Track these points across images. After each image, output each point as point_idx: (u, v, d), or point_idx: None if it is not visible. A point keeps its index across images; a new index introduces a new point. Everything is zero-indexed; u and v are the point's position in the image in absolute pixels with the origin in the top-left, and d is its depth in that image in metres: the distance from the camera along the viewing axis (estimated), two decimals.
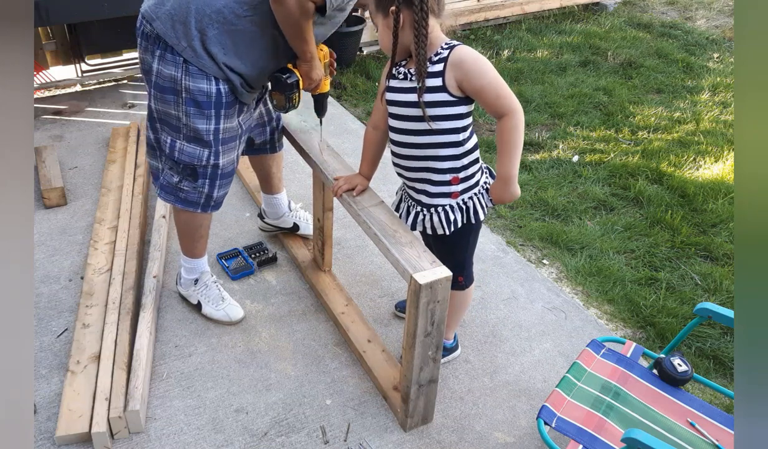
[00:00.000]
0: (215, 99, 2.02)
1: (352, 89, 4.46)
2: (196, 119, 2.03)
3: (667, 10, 6.14)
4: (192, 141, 2.08)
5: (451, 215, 1.90)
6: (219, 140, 2.10)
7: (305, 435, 2.01)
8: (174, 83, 1.99)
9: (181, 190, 2.20)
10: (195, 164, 2.12)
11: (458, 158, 1.86)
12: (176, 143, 2.10)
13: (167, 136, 2.11)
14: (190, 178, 2.16)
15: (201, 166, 2.13)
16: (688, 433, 1.75)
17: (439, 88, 1.75)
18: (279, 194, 2.72)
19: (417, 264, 1.76)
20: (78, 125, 3.89)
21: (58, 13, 3.67)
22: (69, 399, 2.02)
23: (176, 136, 2.09)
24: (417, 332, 1.79)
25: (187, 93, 1.99)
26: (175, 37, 1.94)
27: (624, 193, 3.32)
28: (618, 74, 4.71)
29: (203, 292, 2.43)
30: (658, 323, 2.47)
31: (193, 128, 2.05)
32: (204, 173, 2.15)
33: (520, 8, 5.64)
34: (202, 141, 2.08)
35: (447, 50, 1.74)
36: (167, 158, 2.16)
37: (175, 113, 2.05)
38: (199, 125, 2.04)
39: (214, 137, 2.08)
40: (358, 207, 2.00)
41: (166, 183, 2.22)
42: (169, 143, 2.11)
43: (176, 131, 2.08)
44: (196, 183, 2.17)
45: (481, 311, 2.51)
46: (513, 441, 2.01)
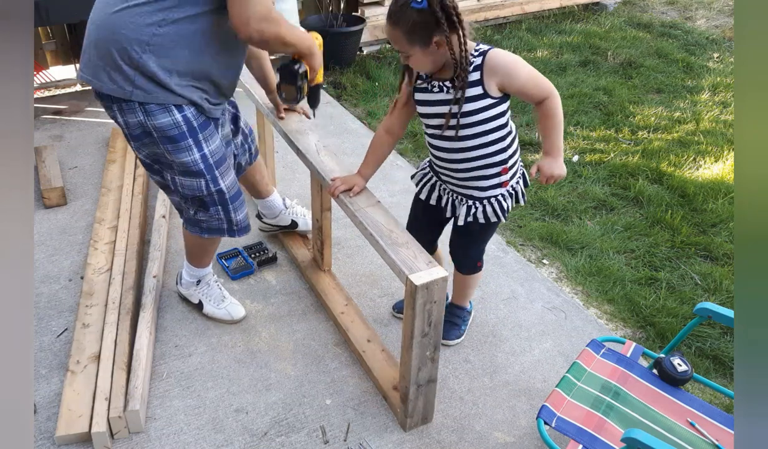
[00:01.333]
0: (187, 127, 1.92)
1: (352, 89, 4.46)
2: (177, 154, 1.95)
3: (667, 10, 6.14)
4: (186, 175, 2.01)
5: (504, 203, 2.01)
6: (211, 165, 2.02)
7: (305, 435, 2.01)
8: (143, 127, 1.91)
9: (200, 221, 2.16)
10: (198, 195, 2.06)
11: (505, 150, 1.95)
12: (176, 179, 2.04)
13: (167, 173, 2.06)
14: (202, 209, 2.12)
15: (206, 196, 2.07)
16: (688, 433, 1.75)
17: (480, 96, 1.82)
18: (270, 196, 2.74)
19: (413, 265, 1.76)
20: (78, 125, 3.89)
21: (58, 13, 3.67)
22: (69, 399, 2.02)
23: (172, 172, 2.03)
24: (414, 333, 1.79)
25: (157, 133, 1.91)
26: (119, 87, 1.83)
27: (624, 193, 3.32)
28: (618, 74, 4.71)
29: (205, 291, 2.42)
30: (658, 323, 2.47)
31: (179, 163, 1.97)
32: (212, 201, 2.08)
33: (520, 8, 5.64)
34: (193, 173, 2.00)
35: (479, 57, 1.80)
36: (177, 195, 2.12)
37: (160, 152, 1.98)
38: (184, 158, 1.96)
39: (204, 164, 2.00)
40: (354, 208, 2.00)
41: (187, 217, 2.19)
42: (170, 180, 2.07)
43: (170, 168, 2.03)
44: (209, 212, 2.12)
45: (481, 311, 2.51)
46: (513, 441, 2.01)
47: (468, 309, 2.41)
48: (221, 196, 2.08)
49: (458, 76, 1.80)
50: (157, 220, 2.85)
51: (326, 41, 4.83)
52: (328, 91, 4.40)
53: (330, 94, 4.33)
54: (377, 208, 2.00)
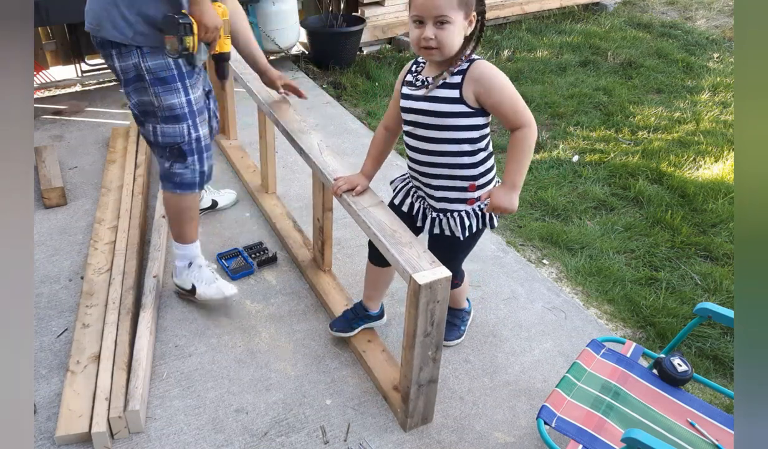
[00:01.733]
0: (176, 71, 2.12)
1: (352, 89, 4.46)
2: (165, 95, 2.13)
3: (667, 10, 6.14)
4: (169, 121, 2.18)
5: (466, 221, 1.93)
6: (194, 111, 2.20)
7: (305, 435, 2.01)
8: (137, 70, 2.09)
9: (175, 174, 2.27)
10: (178, 142, 2.21)
11: (475, 166, 1.88)
12: (157, 127, 2.19)
13: (149, 124, 2.21)
14: (180, 159, 2.25)
15: (185, 143, 2.22)
16: (688, 433, 1.75)
17: (456, 100, 1.78)
18: None
19: (417, 264, 1.76)
20: (78, 125, 3.89)
21: (58, 13, 3.68)
22: (69, 399, 2.02)
23: (155, 121, 2.19)
24: (417, 333, 1.79)
25: (150, 74, 2.09)
26: (121, 33, 2.03)
27: (624, 193, 3.32)
28: (618, 74, 4.71)
29: (196, 274, 2.44)
30: (658, 323, 2.47)
31: (167, 106, 2.15)
32: (190, 149, 2.24)
33: (520, 8, 5.64)
34: (177, 117, 2.17)
35: (466, 63, 1.77)
36: (155, 146, 2.26)
37: (147, 99, 2.15)
38: (172, 100, 2.14)
39: (188, 109, 2.18)
40: (358, 207, 2.00)
41: (162, 173, 2.30)
42: (152, 130, 2.21)
43: (153, 116, 2.18)
44: (186, 162, 2.25)
45: (481, 311, 2.51)
46: (513, 441, 2.01)
47: (467, 310, 2.41)
48: (198, 144, 2.25)
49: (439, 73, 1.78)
50: (157, 220, 2.85)
51: (326, 41, 4.82)
52: (328, 91, 4.41)
53: (330, 95, 4.33)
54: (380, 207, 2.00)
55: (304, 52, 5.06)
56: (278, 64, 4.78)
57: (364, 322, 2.32)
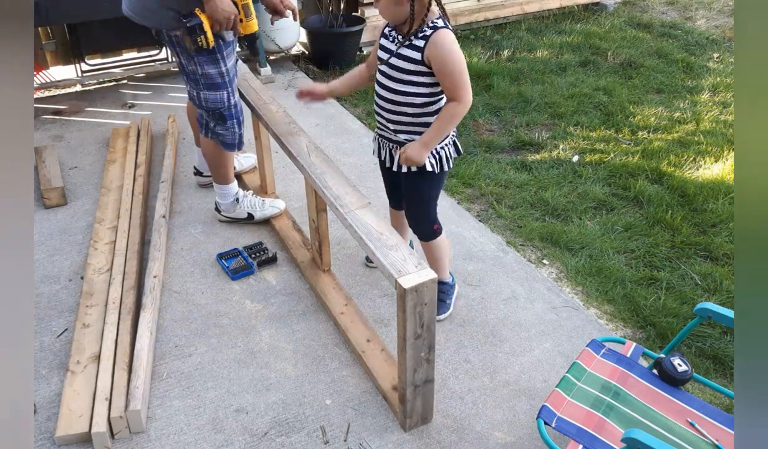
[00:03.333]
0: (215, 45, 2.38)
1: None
2: (207, 65, 2.44)
3: (667, 10, 6.14)
4: (210, 89, 2.51)
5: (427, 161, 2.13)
6: (232, 80, 2.54)
7: (305, 435, 2.01)
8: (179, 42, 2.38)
9: (218, 134, 2.64)
10: (219, 107, 2.55)
11: (432, 115, 2.10)
12: (201, 94, 2.54)
13: (193, 90, 2.56)
14: (221, 122, 2.60)
15: (225, 108, 2.56)
16: (688, 433, 1.75)
17: (418, 61, 2.01)
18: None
19: (402, 268, 1.76)
20: (78, 125, 3.89)
21: (58, 13, 3.68)
22: (69, 399, 2.02)
23: (199, 88, 2.52)
24: (407, 336, 1.79)
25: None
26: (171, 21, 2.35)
27: (624, 193, 3.32)
28: (618, 74, 4.71)
29: (247, 203, 2.89)
30: (658, 323, 2.47)
31: (207, 74, 2.46)
32: (230, 114, 2.59)
33: (520, 8, 5.64)
34: (217, 85, 2.50)
35: (431, 30, 1.97)
36: (201, 108, 2.60)
37: (192, 67, 2.47)
38: (211, 70, 2.45)
39: (227, 78, 2.51)
40: (345, 210, 2.00)
41: (206, 128, 2.66)
42: (196, 95, 2.57)
43: (196, 84, 2.52)
44: (226, 125, 2.61)
45: (481, 311, 2.51)
46: (513, 441, 2.01)
47: (450, 283, 2.49)
48: (235, 109, 2.60)
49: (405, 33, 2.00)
50: (157, 220, 2.85)
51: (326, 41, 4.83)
52: None
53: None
54: (367, 209, 2.01)
55: (304, 52, 5.06)
56: (278, 64, 4.78)
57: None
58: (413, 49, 2.00)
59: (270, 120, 2.60)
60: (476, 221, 3.05)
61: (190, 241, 2.88)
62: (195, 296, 2.56)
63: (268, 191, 3.14)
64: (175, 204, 3.13)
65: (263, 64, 4.49)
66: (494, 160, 3.60)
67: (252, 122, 2.98)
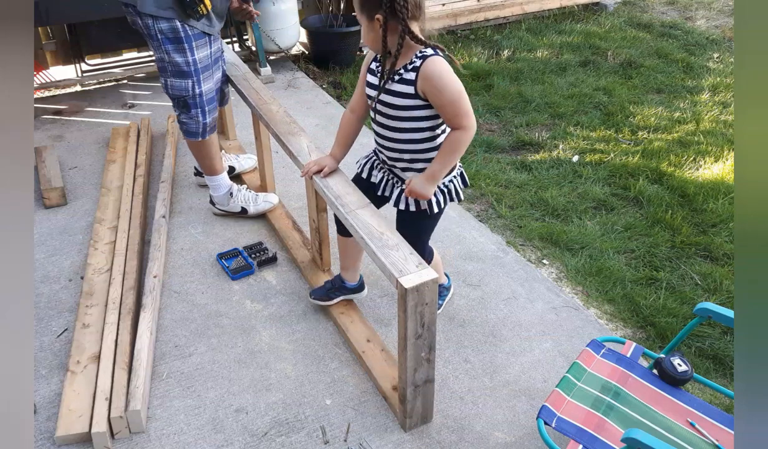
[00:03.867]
0: (183, 34, 2.48)
1: (352, 89, 4.45)
2: (174, 54, 2.51)
3: (667, 10, 6.14)
4: (176, 75, 2.57)
5: (432, 196, 2.01)
6: (198, 70, 2.58)
7: (305, 435, 2.01)
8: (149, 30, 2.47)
9: (183, 123, 2.72)
10: (184, 95, 2.61)
11: (437, 149, 1.97)
12: (168, 81, 2.60)
13: (162, 78, 2.62)
14: (185, 110, 2.66)
15: (189, 97, 2.62)
16: (688, 433, 1.75)
17: (411, 95, 1.87)
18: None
19: (403, 268, 1.76)
20: (78, 125, 3.90)
21: (58, 13, 3.68)
22: (69, 399, 2.02)
23: (166, 75, 2.59)
24: (408, 335, 1.79)
25: (161, 34, 2.47)
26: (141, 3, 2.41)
27: (624, 193, 3.32)
28: (618, 74, 4.71)
29: (241, 197, 2.94)
30: (658, 323, 2.47)
31: (173, 62, 2.53)
32: (194, 103, 2.64)
33: (520, 8, 5.64)
34: (183, 73, 2.56)
35: (420, 60, 1.84)
36: (168, 95, 2.66)
37: (158, 55, 2.56)
38: (177, 58, 2.52)
39: (194, 67, 2.56)
40: (345, 210, 2.00)
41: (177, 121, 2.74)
42: (163, 83, 2.63)
43: (163, 70, 2.59)
44: (190, 113, 2.67)
45: (481, 311, 2.51)
46: (513, 441, 2.01)
47: (445, 285, 2.48)
48: (201, 98, 2.64)
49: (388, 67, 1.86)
50: (157, 220, 2.85)
51: (326, 41, 4.84)
52: (328, 91, 4.41)
53: (330, 95, 4.33)
54: (367, 210, 2.01)
55: (304, 52, 5.06)
56: (278, 64, 4.78)
57: (342, 293, 2.43)
58: (405, 84, 1.86)
59: (270, 120, 2.61)
60: (476, 221, 3.05)
61: (190, 241, 2.88)
62: (195, 296, 2.56)
63: (268, 191, 3.14)
64: (175, 204, 3.13)
65: (263, 64, 4.49)
66: (494, 160, 3.60)
67: (252, 121, 2.98)
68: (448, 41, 5.25)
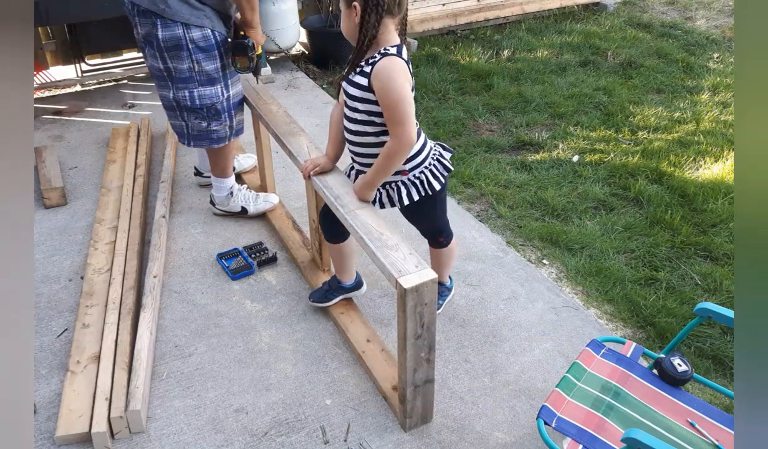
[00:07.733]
0: (214, 41, 2.49)
1: None
2: (205, 62, 2.50)
3: (667, 10, 6.14)
4: (206, 84, 2.55)
5: (403, 190, 2.03)
6: (226, 75, 2.60)
7: (305, 435, 2.01)
8: (179, 40, 2.43)
9: (212, 131, 2.68)
10: (214, 102, 2.60)
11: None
12: (194, 92, 2.55)
13: (184, 90, 2.55)
14: (216, 117, 2.64)
15: (219, 102, 2.61)
16: (688, 433, 1.75)
17: (366, 88, 1.88)
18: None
19: (402, 268, 1.76)
20: (78, 125, 3.90)
21: (58, 13, 3.68)
22: (69, 399, 2.02)
23: (192, 86, 2.54)
24: (407, 335, 1.79)
25: (192, 44, 2.45)
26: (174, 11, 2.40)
27: (624, 193, 3.32)
28: (618, 74, 4.71)
29: (242, 197, 2.95)
30: (658, 323, 2.47)
31: (205, 71, 2.52)
32: (223, 107, 2.64)
33: (520, 8, 5.64)
34: (214, 79, 2.55)
35: (380, 56, 1.84)
36: (189, 110, 2.61)
37: (187, 65, 2.49)
38: (209, 66, 2.51)
39: (222, 73, 2.58)
40: (345, 210, 2.00)
41: (196, 133, 2.69)
42: (188, 96, 2.56)
43: (190, 81, 2.53)
44: (221, 118, 2.66)
45: (481, 311, 2.51)
46: (513, 441, 2.01)
47: (447, 286, 2.48)
48: (229, 101, 2.66)
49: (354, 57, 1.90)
50: (157, 220, 2.85)
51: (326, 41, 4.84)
52: (328, 91, 4.41)
53: (330, 95, 4.33)
54: (367, 210, 2.01)
55: (304, 52, 5.06)
56: (278, 64, 4.78)
57: (340, 293, 2.44)
58: (362, 76, 1.87)
59: (270, 120, 2.61)
60: (476, 221, 3.05)
61: (190, 241, 2.88)
62: (195, 296, 2.56)
63: (268, 192, 3.14)
64: (175, 204, 3.13)
65: (263, 64, 4.49)
66: (494, 160, 3.60)
67: (252, 121, 2.98)
68: (448, 41, 5.25)
